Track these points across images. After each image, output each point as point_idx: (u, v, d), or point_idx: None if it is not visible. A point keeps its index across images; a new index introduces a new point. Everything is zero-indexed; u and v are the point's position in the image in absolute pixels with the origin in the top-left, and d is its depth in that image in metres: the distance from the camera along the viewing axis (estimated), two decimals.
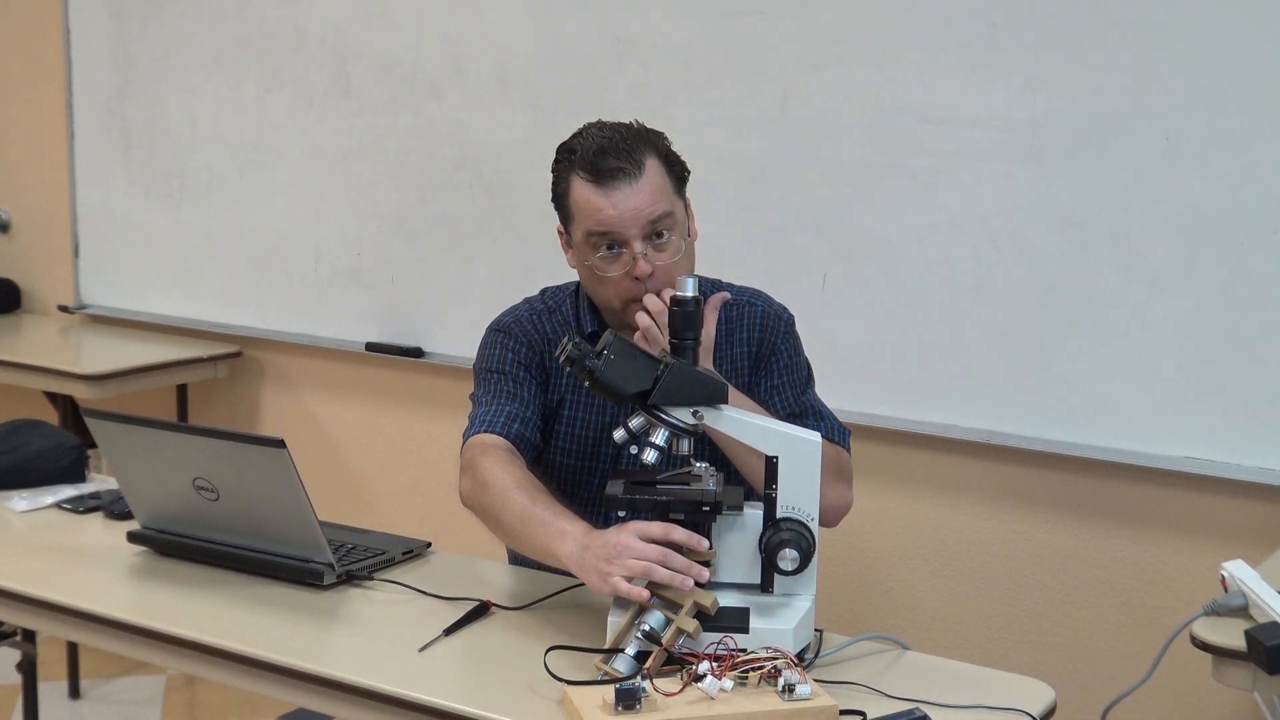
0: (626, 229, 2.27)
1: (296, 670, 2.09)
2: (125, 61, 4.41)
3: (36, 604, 2.36)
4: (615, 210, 2.27)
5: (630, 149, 2.30)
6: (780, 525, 2.03)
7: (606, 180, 2.28)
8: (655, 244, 2.30)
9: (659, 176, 2.31)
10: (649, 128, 2.37)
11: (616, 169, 2.28)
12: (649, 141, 2.34)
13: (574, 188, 2.32)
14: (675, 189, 2.35)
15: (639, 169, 2.28)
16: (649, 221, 2.28)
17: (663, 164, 2.33)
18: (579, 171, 2.31)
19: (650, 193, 2.28)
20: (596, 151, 2.30)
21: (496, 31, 3.72)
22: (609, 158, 2.28)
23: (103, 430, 2.45)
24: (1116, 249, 2.97)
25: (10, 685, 3.86)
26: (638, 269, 2.28)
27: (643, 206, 2.27)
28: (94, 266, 4.60)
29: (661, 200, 2.29)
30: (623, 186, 2.27)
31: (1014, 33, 3.02)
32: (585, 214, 2.31)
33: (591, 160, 2.29)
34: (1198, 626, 2.20)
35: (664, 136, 2.38)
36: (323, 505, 2.35)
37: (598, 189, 2.28)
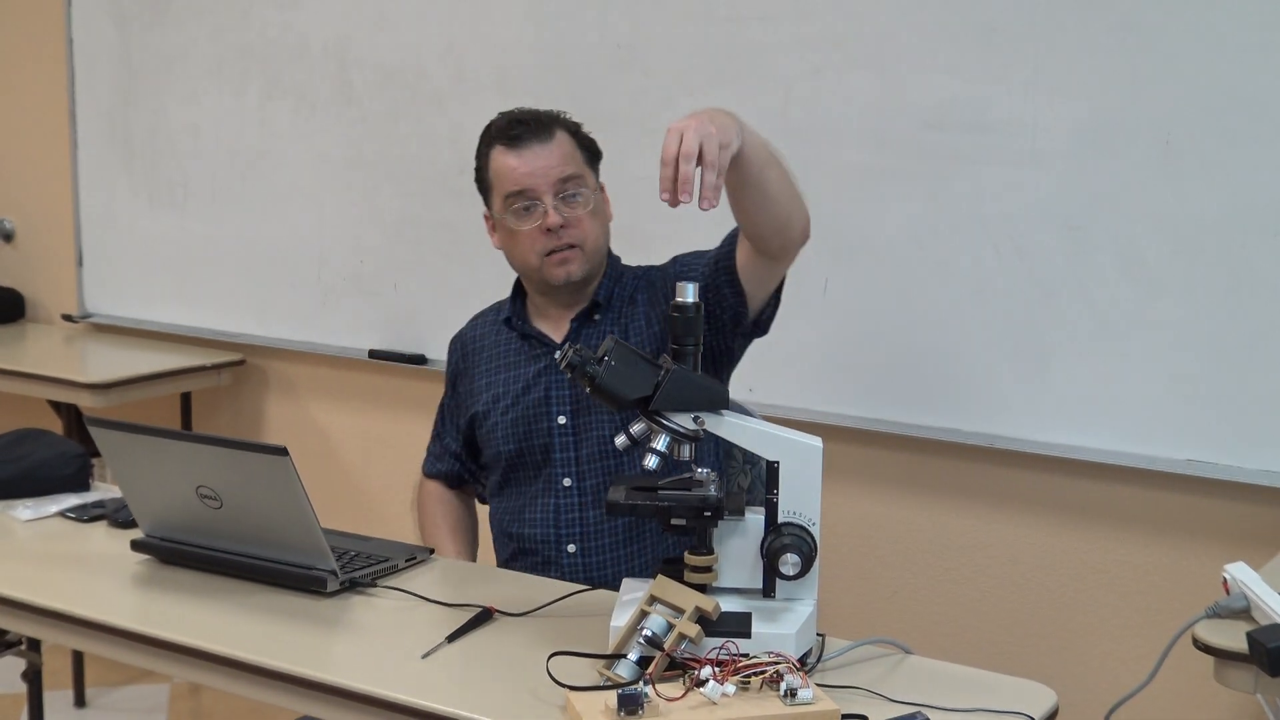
0: (538, 184, 2.50)
1: (300, 678, 2.09)
2: (128, 70, 4.42)
3: (41, 613, 2.36)
4: (527, 167, 2.50)
5: (541, 119, 2.55)
6: (782, 530, 2.03)
7: (519, 143, 2.52)
8: (567, 200, 2.52)
9: (569, 145, 2.54)
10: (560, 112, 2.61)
11: (527, 134, 2.52)
12: (561, 120, 2.58)
13: (492, 159, 2.55)
14: (586, 161, 2.57)
15: (549, 134, 2.53)
16: (559, 180, 2.51)
17: (573, 138, 2.56)
18: (496, 143, 2.55)
19: (560, 154, 2.52)
20: (509, 121, 2.55)
21: (498, 39, 3.72)
22: (520, 125, 2.53)
23: (106, 439, 2.45)
24: (1117, 252, 2.97)
25: (16, 694, 3.86)
26: (549, 220, 2.50)
27: (553, 164, 2.51)
28: (98, 275, 4.61)
29: (571, 163, 2.53)
30: (534, 146, 2.51)
31: (1014, 37, 3.02)
32: (501, 177, 2.54)
33: (505, 128, 2.54)
34: (1200, 629, 2.20)
35: (578, 123, 2.60)
36: (326, 512, 2.36)
37: (511, 150, 2.52)
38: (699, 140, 2.04)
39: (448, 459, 2.78)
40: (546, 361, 2.59)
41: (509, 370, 2.64)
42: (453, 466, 2.78)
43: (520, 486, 2.62)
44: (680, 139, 2.04)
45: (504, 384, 2.64)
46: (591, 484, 2.55)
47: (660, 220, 2.58)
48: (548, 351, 2.59)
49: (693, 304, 2.06)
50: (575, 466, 2.56)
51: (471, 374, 2.70)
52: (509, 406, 2.61)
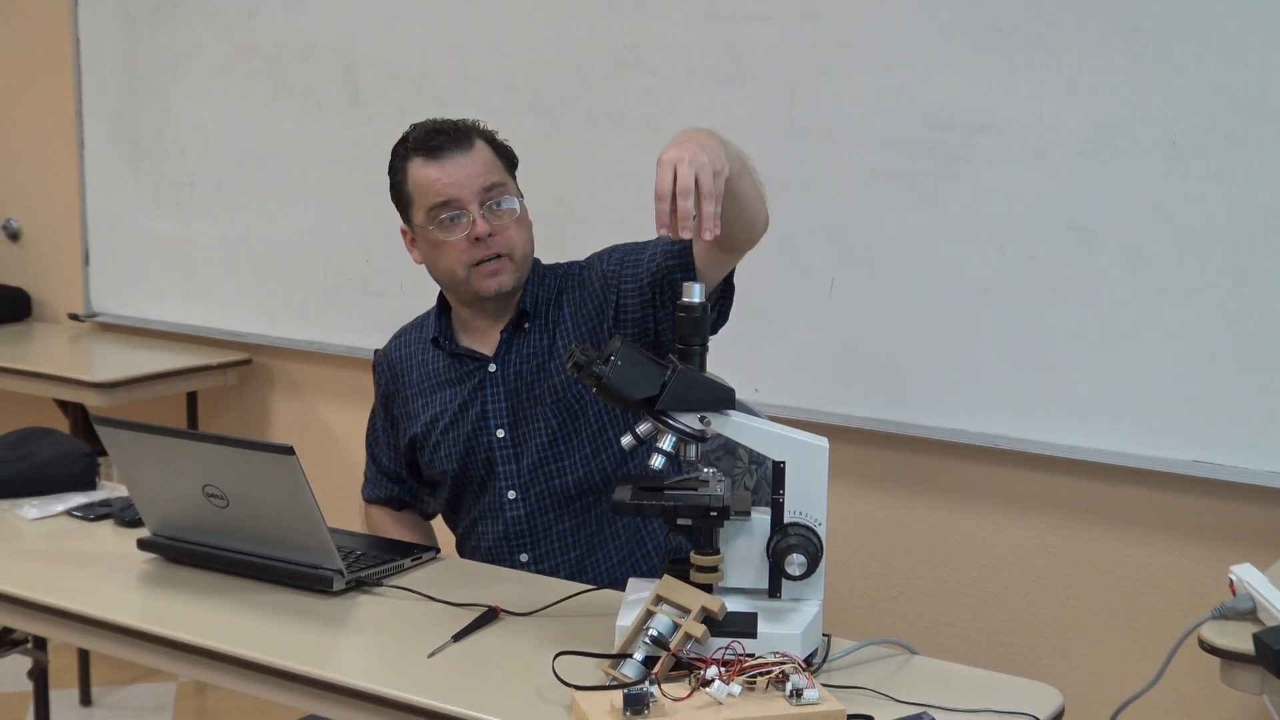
0: (463, 194, 2.46)
1: (306, 676, 2.09)
2: (134, 70, 4.43)
3: (47, 611, 2.36)
4: (450, 177, 2.46)
5: (458, 129, 2.50)
6: (788, 530, 2.03)
7: (440, 153, 2.47)
8: (493, 209, 2.48)
9: (488, 153, 2.51)
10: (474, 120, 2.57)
11: (448, 143, 2.48)
12: (478, 128, 2.54)
13: (411, 171, 2.51)
14: (506, 169, 2.54)
15: (469, 143, 2.49)
16: (483, 189, 2.47)
17: (491, 146, 2.53)
18: (414, 155, 2.50)
19: (482, 163, 2.48)
20: (426, 132, 2.50)
21: (503, 39, 3.73)
22: (439, 134, 2.49)
23: (113, 438, 2.45)
24: (1123, 253, 2.97)
25: (22, 692, 3.87)
26: (477, 228, 2.46)
27: (476, 173, 2.47)
28: (104, 275, 4.62)
29: (493, 171, 2.49)
30: (455, 155, 2.47)
31: (1020, 38, 3.02)
32: (423, 189, 2.49)
33: (423, 139, 2.50)
34: (1206, 630, 2.20)
35: (492, 130, 2.57)
36: (331, 512, 2.36)
37: (432, 161, 2.48)
38: (694, 173, 2.01)
39: (386, 483, 2.75)
40: (480, 376, 2.56)
41: (444, 389, 2.61)
42: (392, 490, 2.74)
43: (469, 502, 2.61)
44: (674, 172, 2.01)
45: (440, 403, 2.60)
46: (535, 493, 2.55)
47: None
48: (480, 367, 2.57)
49: (699, 304, 2.05)
50: (518, 479, 2.55)
51: (404, 395, 2.66)
52: (448, 426, 2.58)
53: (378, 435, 2.76)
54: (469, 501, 2.61)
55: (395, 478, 2.73)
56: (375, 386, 2.74)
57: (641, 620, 2.00)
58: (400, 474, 2.72)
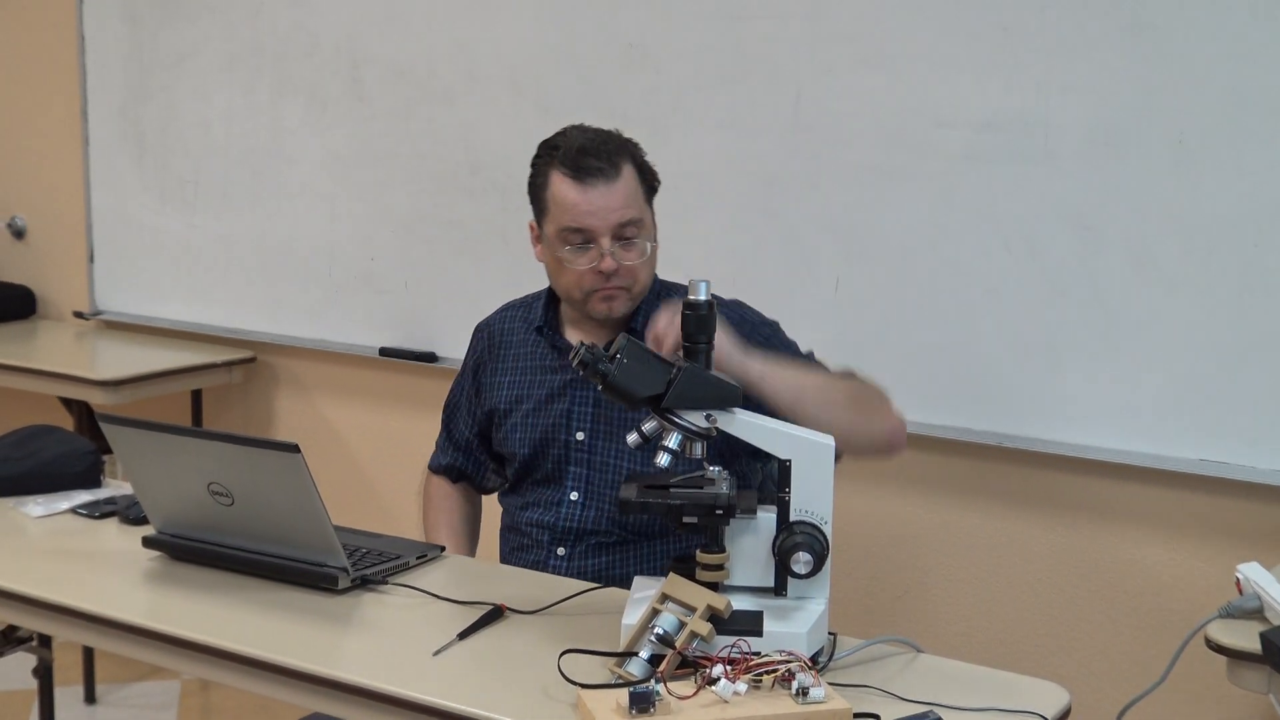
0: (598, 226, 2.42)
1: (311, 674, 2.09)
2: (139, 67, 4.43)
3: (52, 609, 2.36)
4: (589, 206, 2.42)
5: (610, 153, 2.45)
6: (793, 528, 2.03)
7: (585, 177, 2.42)
8: (622, 244, 2.45)
9: (633, 182, 2.46)
10: (627, 137, 2.52)
11: (596, 168, 2.42)
12: (627, 150, 2.49)
13: (553, 182, 2.46)
14: (645, 197, 2.50)
15: (616, 172, 2.43)
16: (619, 223, 2.43)
17: (637, 172, 2.48)
18: (560, 167, 2.45)
19: (624, 195, 2.43)
20: (579, 150, 2.44)
21: (508, 37, 3.72)
22: (590, 157, 2.43)
23: (118, 436, 2.45)
24: (1129, 251, 2.97)
25: (26, 690, 3.87)
26: (604, 264, 2.43)
27: (615, 207, 2.42)
28: (109, 272, 4.62)
29: (633, 205, 2.45)
30: (600, 185, 2.42)
31: (1026, 35, 3.01)
32: (561, 208, 2.45)
33: (573, 158, 2.43)
34: (1212, 629, 2.20)
35: (640, 147, 2.52)
36: (337, 510, 2.36)
37: (576, 185, 2.43)
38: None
39: (452, 451, 2.78)
40: (574, 375, 2.52)
41: (535, 375, 2.61)
42: (455, 459, 2.77)
43: (529, 489, 2.62)
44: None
45: (527, 386, 2.62)
46: (598, 501, 2.54)
47: (668, 217, 2.57)
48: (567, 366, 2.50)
49: (705, 301, 2.06)
50: (585, 485, 2.54)
51: (496, 366, 2.67)
52: (530, 411, 2.59)
53: (458, 402, 2.77)
54: (530, 488, 2.61)
55: (463, 447, 2.75)
56: (469, 353, 2.75)
57: (647, 618, 2.00)
58: (470, 444, 2.74)
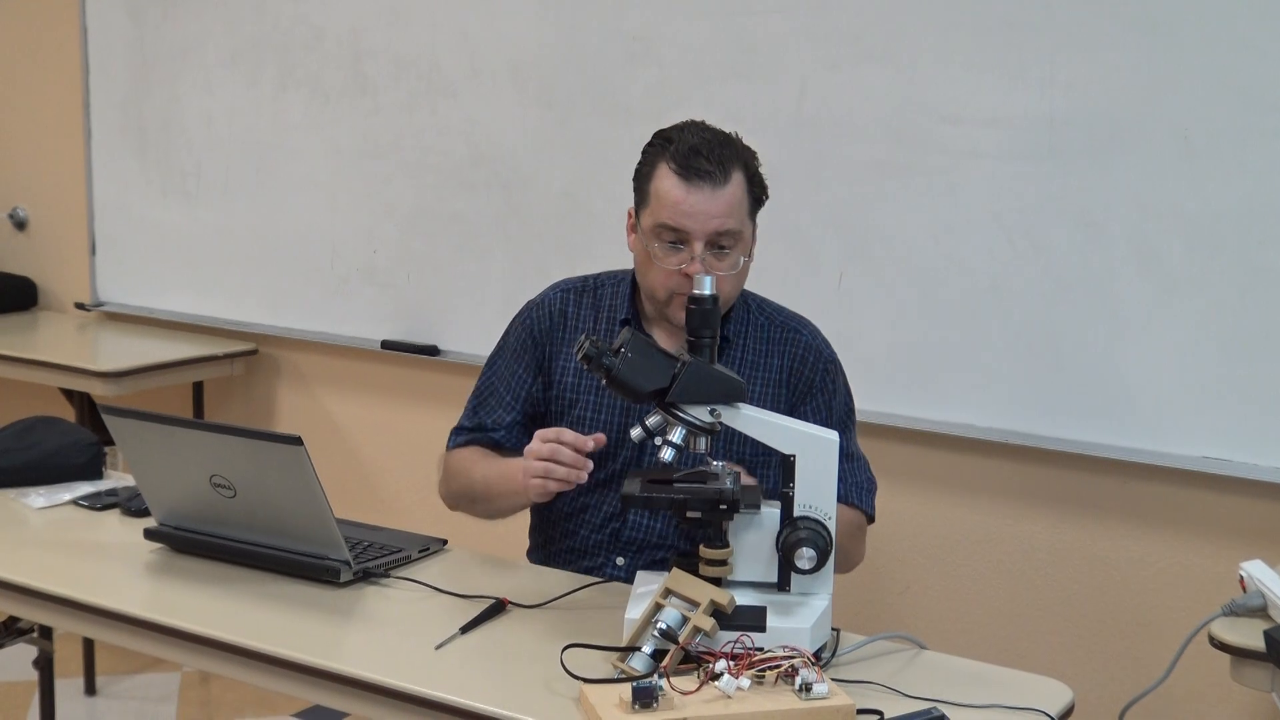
0: (695, 229, 2.31)
1: (312, 667, 2.09)
2: (142, 60, 4.42)
3: (53, 600, 2.36)
4: (690, 207, 2.31)
5: (723, 157, 2.33)
6: (797, 524, 2.03)
7: (693, 178, 2.31)
8: (716, 252, 2.33)
9: (740, 192, 2.35)
10: (745, 144, 2.40)
11: (705, 171, 2.31)
12: (741, 158, 2.37)
13: (659, 174, 2.35)
14: (750, 210, 2.38)
15: (725, 178, 2.32)
16: (717, 231, 2.32)
17: (747, 182, 2.36)
18: (669, 161, 2.34)
19: (727, 203, 2.32)
20: (691, 149, 2.33)
21: (512, 30, 3.72)
22: (701, 158, 2.32)
23: (120, 427, 2.45)
24: (1133, 248, 2.96)
25: (27, 682, 3.87)
26: (692, 267, 2.31)
27: (715, 214, 2.31)
28: (110, 264, 4.61)
29: (734, 215, 2.33)
30: (705, 189, 2.31)
31: (1031, 32, 3.01)
32: (662, 203, 2.34)
33: (684, 155, 2.33)
34: (1216, 627, 2.20)
35: (755, 156, 2.41)
36: (338, 503, 2.36)
37: (681, 183, 2.32)
38: None
39: (479, 435, 2.55)
40: None
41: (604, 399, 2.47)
42: (486, 441, 2.54)
43: (589, 488, 2.42)
44: None
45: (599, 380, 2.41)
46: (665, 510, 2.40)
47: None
48: None
49: (710, 296, 2.05)
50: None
51: (559, 350, 2.51)
52: (598, 405, 2.47)
53: (493, 386, 2.56)
54: (590, 489, 2.43)
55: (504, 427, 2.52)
56: (517, 332, 2.54)
57: (650, 613, 2.00)
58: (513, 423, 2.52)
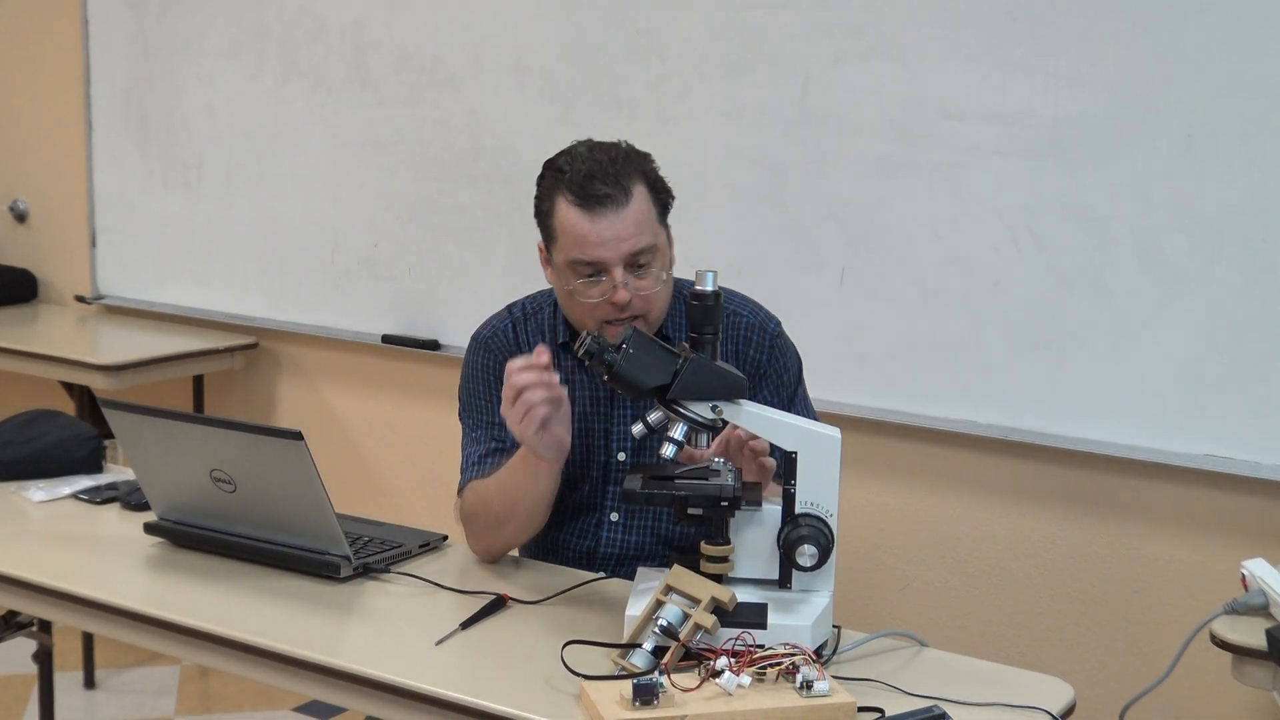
0: (609, 257, 2.25)
1: (312, 662, 2.08)
2: (143, 52, 4.41)
3: (53, 594, 2.36)
4: (599, 237, 2.24)
5: (619, 175, 2.27)
6: (799, 521, 2.02)
7: (594, 206, 2.25)
8: (635, 273, 2.28)
9: (645, 205, 2.28)
10: (637, 150, 2.34)
11: (604, 195, 2.24)
12: (637, 167, 2.30)
13: (559, 208, 2.29)
14: (659, 217, 2.32)
15: (626, 196, 2.26)
16: (632, 252, 2.26)
17: (649, 191, 2.30)
18: (566, 193, 2.27)
19: (635, 222, 2.26)
20: (585, 176, 2.26)
21: (515, 23, 3.71)
22: (597, 183, 2.25)
23: (120, 421, 2.44)
24: (1137, 245, 2.95)
25: (26, 675, 3.87)
26: (617, 296, 2.26)
27: (626, 236, 2.25)
28: (111, 257, 4.61)
29: (645, 232, 2.27)
30: (609, 214, 2.25)
31: (1035, 28, 3.00)
32: (570, 238, 2.28)
33: (580, 184, 2.26)
34: (1217, 625, 2.19)
35: (651, 159, 2.34)
36: (338, 498, 2.35)
37: (584, 214, 2.25)
38: None
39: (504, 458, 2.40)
40: (608, 390, 2.40)
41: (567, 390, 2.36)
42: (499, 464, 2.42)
43: (564, 509, 2.44)
44: None
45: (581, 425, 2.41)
46: (639, 524, 2.43)
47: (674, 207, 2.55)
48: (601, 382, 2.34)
49: (712, 292, 2.05)
50: (626, 505, 2.42)
51: None
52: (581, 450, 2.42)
53: (482, 419, 2.47)
54: (564, 509, 2.43)
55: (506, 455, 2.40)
56: (484, 371, 2.47)
57: (651, 610, 1.99)
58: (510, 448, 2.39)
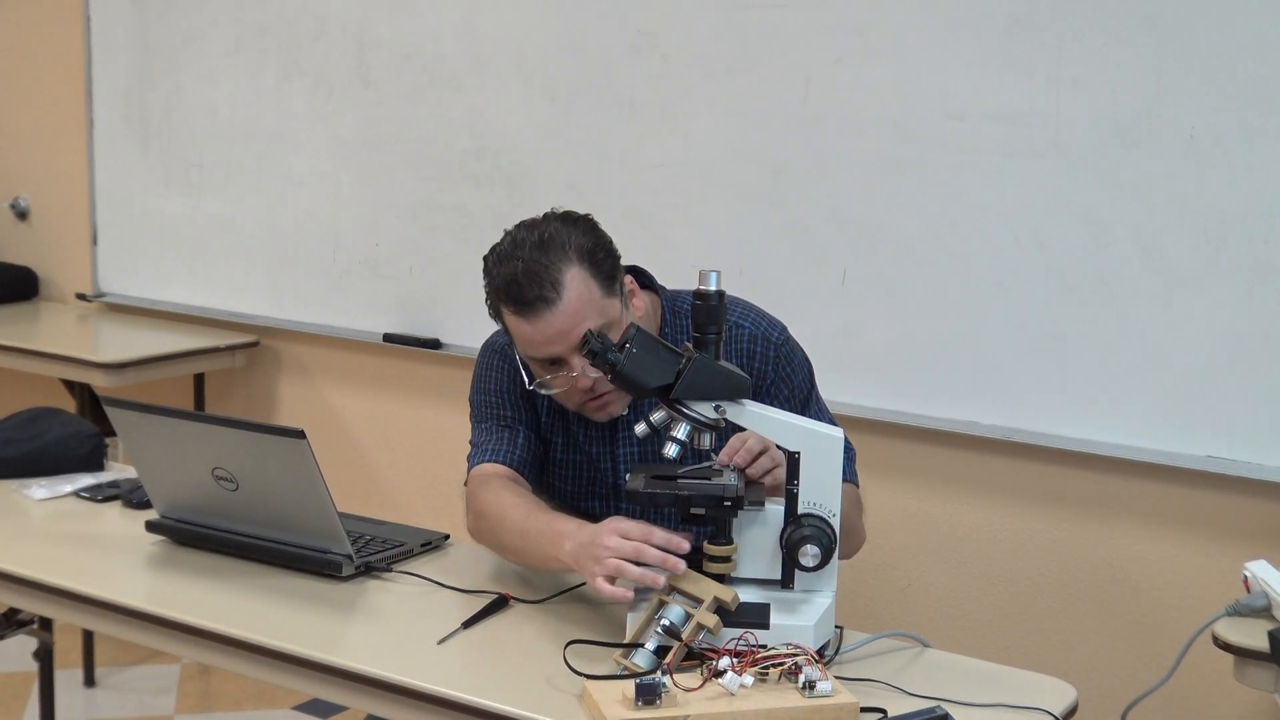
0: (561, 350, 2.23)
1: (314, 661, 2.08)
2: (145, 50, 4.41)
3: (54, 592, 2.36)
4: (543, 336, 2.22)
5: (544, 270, 2.21)
6: (802, 521, 2.02)
7: (527, 311, 2.21)
8: None
9: (581, 289, 2.22)
10: (570, 220, 2.28)
11: (534, 298, 2.20)
12: (562, 251, 2.23)
13: (505, 315, 2.28)
14: (604, 290, 2.25)
15: (557, 292, 2.20)
16: (579, 340, 2.17)
17: (587, 270, 2.23)
18: (502, 298, 2.26)
19: (574, 314, 2.20)
20: (509, 281, 2.23)
21: (516, 22, 3.71)
22: (523, 288, 2.21)
23: (122, 419, 2.44)
24: (1138, 246, 2.95)
25: (27, 673, 3.86)
26: (580, 384, 2.25)
27: (569, 329, 2.20)
28: (112, 255, 4.60)
29: (586, 318, 2.21)
30: (544, 314, 2.21)
31: (1037, 28, 3.00)
32: (522, 341, 2.27)
33: (506, 290, 2.24)
34: (1219, 627, 2.19)
35: (586, 227, 2.28)
36: (340, 496, 2.35)
37: (522, 318, 2.23)
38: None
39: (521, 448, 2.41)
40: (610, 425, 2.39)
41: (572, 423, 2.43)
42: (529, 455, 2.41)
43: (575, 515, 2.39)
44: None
45: (561, 418, 2.43)
46: None
47: (675, 206, 2.56)
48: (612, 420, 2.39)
49: (715, 292, 2.04)
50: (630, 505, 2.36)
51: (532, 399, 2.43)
52: (568, 446, 2.44)
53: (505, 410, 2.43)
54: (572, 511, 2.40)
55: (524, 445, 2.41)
56: (499, 374, 2.45)
57: (654, 610, 1.99)
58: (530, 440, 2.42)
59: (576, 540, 2.10)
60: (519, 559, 2.29)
